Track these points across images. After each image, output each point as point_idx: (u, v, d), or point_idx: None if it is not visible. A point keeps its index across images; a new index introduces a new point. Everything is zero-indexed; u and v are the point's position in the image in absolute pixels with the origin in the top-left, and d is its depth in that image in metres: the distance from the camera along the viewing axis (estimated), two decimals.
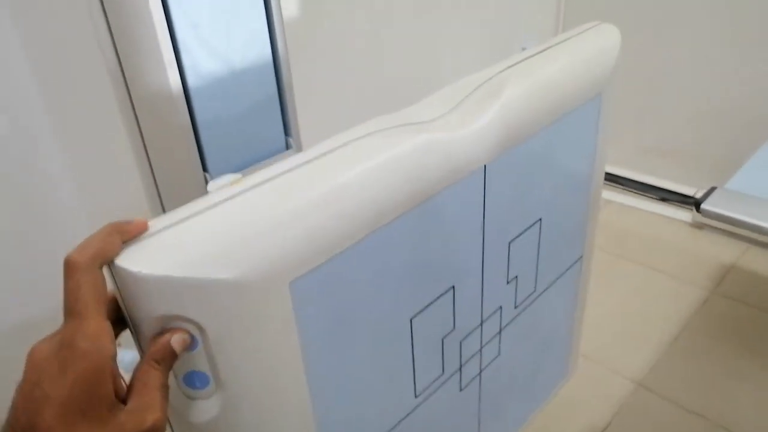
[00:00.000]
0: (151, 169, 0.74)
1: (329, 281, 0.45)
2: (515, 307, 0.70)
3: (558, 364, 0.88)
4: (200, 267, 0.38)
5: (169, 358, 0.39)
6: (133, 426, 0.35)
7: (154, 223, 0.40)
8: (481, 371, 0.68)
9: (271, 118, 0.75)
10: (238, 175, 0.47)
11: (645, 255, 1.60)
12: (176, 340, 0.39)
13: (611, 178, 1.86)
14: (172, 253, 0.38)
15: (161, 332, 0.39)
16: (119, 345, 0.40)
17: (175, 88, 0.62)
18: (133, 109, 0.69)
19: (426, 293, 0.55)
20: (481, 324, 0.65)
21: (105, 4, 0.63)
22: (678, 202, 1.74)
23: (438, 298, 0.57)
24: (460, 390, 0.66)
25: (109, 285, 0.38)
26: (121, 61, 0.67)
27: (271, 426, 0.45)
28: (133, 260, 0.37)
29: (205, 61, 0.64)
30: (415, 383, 0.58)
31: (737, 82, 1.56)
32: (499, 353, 0.70)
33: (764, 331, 1.36)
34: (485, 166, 0.55)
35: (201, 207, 0.41)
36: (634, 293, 1.50)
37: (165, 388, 0.38)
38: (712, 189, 0.95)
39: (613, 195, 1.84)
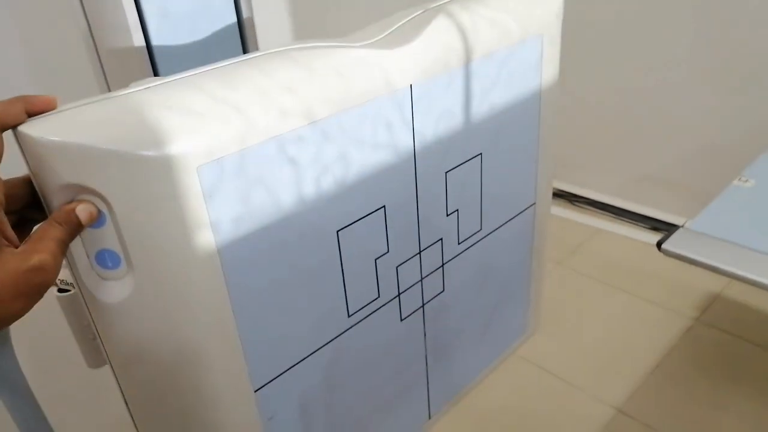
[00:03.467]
0: None
1: (241, 174, 0.47)
2: (459, 243, 0.71)
3: (515, 319, 0.89)
4: (103, 137, 0.40)
5: (73, 224, 0.41)
6: (16, 264, 0.37)
7: (67, 105, 0.42)
8: (423, 304, 0.70)
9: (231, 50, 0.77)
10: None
11: (633, 283, 1.62)
12: (81, 210, 0.41)
13: (603, 207, 1.89)
14: (77, 124, 0.40)
15: (68, 203, 0.41)
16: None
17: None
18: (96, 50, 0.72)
19: (352, 207, 0.57)
20: (420, 253, 0.66)
21: None
22: (667, 231, 1.75)
23: (367, 215, 0.58)
24: (401, 320, 0.68)
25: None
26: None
27: (185, 313, 0.47)
28: (37, 127, 0.39)
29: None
30: (347, 301, 0.60)
31: (725, 115, 1.60)
32: (443, 289, 0.72)
33: (747, 361, 1.37)
34: (411, 85, 0.57)
35: (115, 94, 0.44)
36: (618, 321, 1.52)
37: (62, 243, 0.40)
38: (675, 228, 0.97)
39: (604, 223, 1.86)
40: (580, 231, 1.84)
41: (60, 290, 0.62)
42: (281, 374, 0.56)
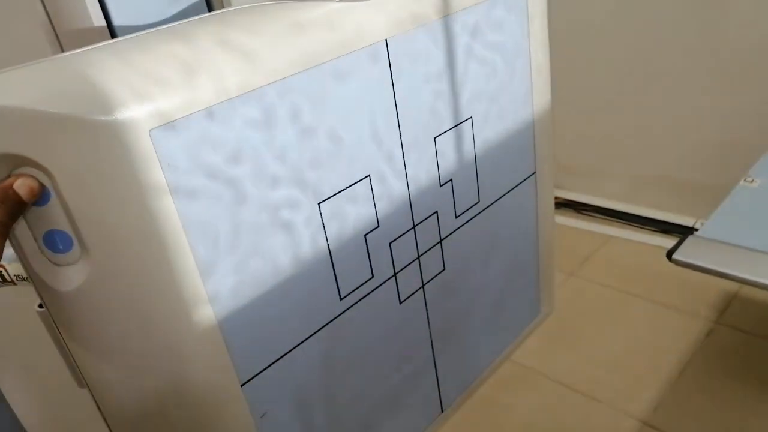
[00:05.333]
0: None
1: (200, 138, 0.42)
2: (456, 216, 0.66)
3: (526, 299, 0.83)
4: (39, 100, 0.36)
5: (12, 201, 0.36)
6: None
7: None
8: (423, 284, 0.65)
9: None
10: None
11: (648, 289, 1.57)
12: (20, 185, 0.37)
13: (611, 213, 1.85)
14: (7, 86, 0.36)
15: (4, 179, 0.37)
16: None
17: None
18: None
19: (333, 177, 0.52)
20: (414, 227, 0.61)
21: None
22: (679, 233, 1.71)
23: (351, 185, 0.54)
24: (400, 302, 0.62)
25: None
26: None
27: (152, 300, 0.42)
28: None
29: None
30: (337, 282, 0.55)
31: (726, 112, 1.56)
32: (444, 267, 0.67)
33: None
34: (386, 40, 0.53)
35: (53, 57, 0.39)
36: (637, 329, 1.46)
37: (1, 224, 0.35)
38: (684, 237, 0.95)
39: (613, 230, 1.82)
40: (589, 240, 1.79)
41: (41, 305, 0.57)
42: (270, 365, 0.52)
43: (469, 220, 0.68)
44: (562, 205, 1.93)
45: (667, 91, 1.63)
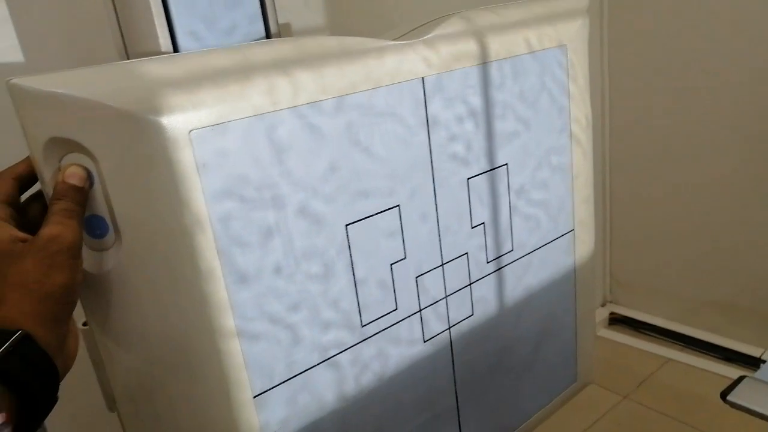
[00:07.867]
0: None
1: (236, 146, 0.45)
2: (487, 262, 0.66)
3: (561, 364, 0.81)
4: (92, 91, 0.40)
5: (70, 190, 0.40)
6: (32, 247, 0.38)
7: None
8: (450, 326, 0.64)
9: None
10: None
11: (707, 421, 1.46)
12: (70, 174, 0.41)
13: (672, 336, 1.77)
14: (67, 79, 0.40)
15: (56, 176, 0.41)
16: None
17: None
18: None
19: (363, 201, 0.54)
20: (443, 265, 0.62)
21: None
22: (744, 363, 1.63)
23: (379, 212, 0.55)
24: (424, 341, 0.62)
25: None
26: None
27: (172, 296, 0.44)
28: (28, 79, 0.40)
29: None
30: (359, 307, 0.56)
31: None
32: (472, 313, 0.66)
33: None
34: (423, 78, 0.56)
35: (116, 63, 0.44)
36: None
37: (67, 211, 0.40)
38: (741, 378, 0.93)
39: (673, 353, 1.74)
40: (647, 361, 1.70)
41: (85, 323, 0.60)
42: (286, 381, 0.52)
43: (501, 267, 0.68)
44: (618, 321, 1.87)
45: (732, 216, 1.58)
